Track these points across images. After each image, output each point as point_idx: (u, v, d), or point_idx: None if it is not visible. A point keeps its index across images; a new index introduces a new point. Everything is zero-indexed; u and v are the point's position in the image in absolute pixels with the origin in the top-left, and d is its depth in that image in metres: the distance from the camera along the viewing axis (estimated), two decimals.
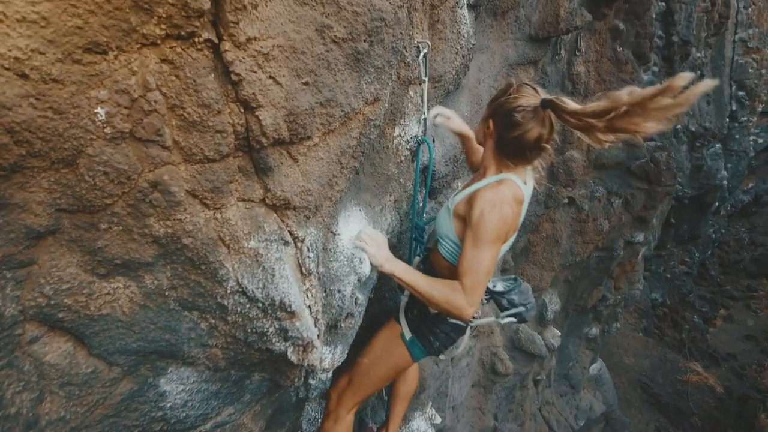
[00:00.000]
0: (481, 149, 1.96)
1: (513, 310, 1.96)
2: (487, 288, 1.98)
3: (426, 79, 2.12)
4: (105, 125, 1.07)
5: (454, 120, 2.22)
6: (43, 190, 1.08)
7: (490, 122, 1.72)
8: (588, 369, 7.26)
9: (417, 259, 2.25)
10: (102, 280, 1.23)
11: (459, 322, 1.98)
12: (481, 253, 1.59)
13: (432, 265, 2.02)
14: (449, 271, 1.86)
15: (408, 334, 2.02)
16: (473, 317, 1.88)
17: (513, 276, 2.07)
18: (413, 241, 2.25)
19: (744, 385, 9.47)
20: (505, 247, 1.77)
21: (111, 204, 1.14)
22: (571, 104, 1.50)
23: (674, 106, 1.25)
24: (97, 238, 1.17)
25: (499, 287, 1.99)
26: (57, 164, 1.07)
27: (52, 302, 1.18)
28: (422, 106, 2.17)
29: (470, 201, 1.69)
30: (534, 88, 1.67)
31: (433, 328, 1.99)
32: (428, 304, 1.71)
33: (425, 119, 2.18)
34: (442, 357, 2.12)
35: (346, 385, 2.13)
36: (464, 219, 1.71)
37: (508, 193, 1.65)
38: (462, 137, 2.25)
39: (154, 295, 1.30)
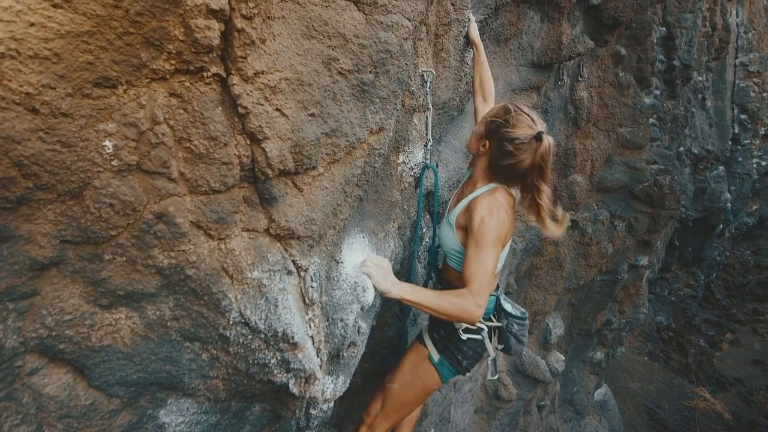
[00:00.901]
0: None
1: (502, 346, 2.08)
2: (498, 302, 2.05)
3: (431, 106, 2.14)
4: (112, 158, 1.08)
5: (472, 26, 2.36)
6: (49, 221, 1.08)
7: (486, 143, 1.82)
8: (593, 394, 7.14)
9: (431, 282, 2.30)
10: (104, 311, 1.22)
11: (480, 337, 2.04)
12: (484, 257, 1.69)
13: (446, 280, 2.10)
14: (461, 279, 1.91)
15: (436, 356, 2.06)
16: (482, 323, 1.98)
17: (524, 310, 2.12)
18: (427, 265, 2.30)
19: (752, 411, 9.28)
20: (504, 253, 1.88)
21: (116, 235, 1.15)
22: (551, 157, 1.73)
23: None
24: (100, 269, 1.17)
25: (508, 307, 2.06)
26: (63, 196, 1.07)
27: (54, 333, 1.17)
28: (426, 134, 2.19)
29: (468, 210, 1.80)
30: (532, 118, 1.74)
31: (461, 346, 2.03)
32: (439, 316, 1.77)
33: (431, 146, 2.21)
34: (468, 375, 2.13)
35: (379, 410, 2.16)
36: (465, 228, 1.82)
37: (503, 200, 1.79)
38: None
39: (155, 325, 1.29)
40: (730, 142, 10.41)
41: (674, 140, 7.78)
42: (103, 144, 1.06)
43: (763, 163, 12.04)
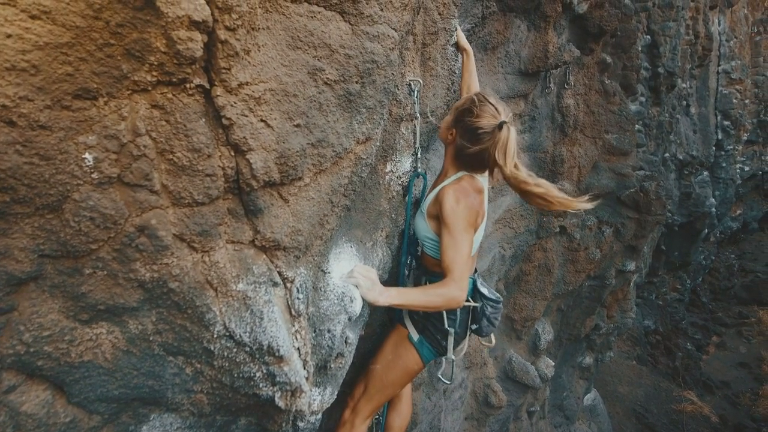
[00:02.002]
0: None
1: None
2: (474, 285, 2.11)
3: (419, 115, 2.15)
4: (92, 170, 1.06)
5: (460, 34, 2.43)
6: (26, 236, 1.06)
7: (453, 131, 1.93)
8: (582, 399, 7.17)
9: (408, 271, 2.35)
10: (84, 326, 1.20)
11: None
12: (459, 243, 1.78)
13: (423, 266, 2.19)
14: (439, 265, 1.99)
15: (415, 336, 2.10)
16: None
17: (500, 296, 2.19)
18: (409, 255, 2.34)
19: (739, 413, 9.38)
20: (479, 236, 1.97)
21: (96, 249, 1.12)
22: (512, 146, 1.78)
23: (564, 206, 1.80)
24: (80, 283, 1.15)
25: (485, 291, 2.12)
26: (41, 210, 1.05)
27: (32, 350, 1.14)
28: (414, 142, 2.19)
29: (438, 200, 1.89)
30: (496, 108, 1.83)
31: (440, 326, 2.07)
32: (429, 311, 1.92)
33: (420, 154, 2.21)
34: (452, 357, 2.12)
35: (362, 394, 2.16)
36: (437, 217, 1.91)
37: (468, 186, 1.89)
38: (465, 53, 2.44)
39: (138, 340, 1.27)
40: (714, 148, 10.58)
41: (660, 146, 7.89)
42: (83, 156, 1.04)
43: (746, 168, 12.26)
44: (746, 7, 11.27)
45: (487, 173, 1.99)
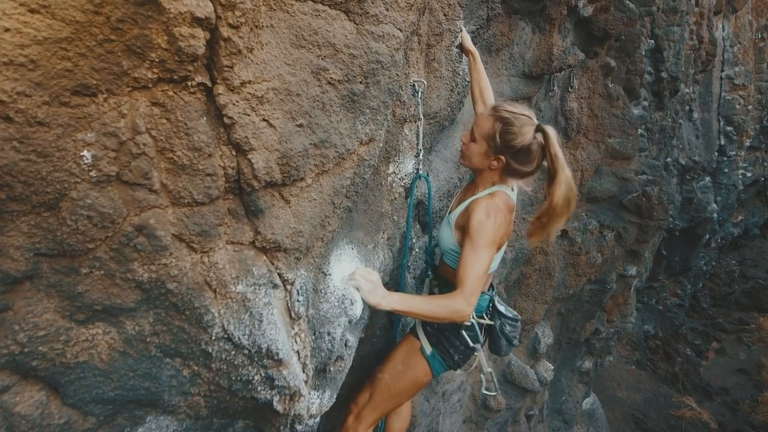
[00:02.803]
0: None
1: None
2: (492, 302, 2.09)
3: (422, 116, 2.13)
4: (91, 168, 1.04)
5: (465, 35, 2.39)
6: (22, 234, 1.04)
7: (500, 158, 1.82)
8: (581, 403, 7.14)
9: (427, 280, 2.35)
10: (80, 326, 1.18)
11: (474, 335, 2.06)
12: (478, 257, 1.73)
13: (442, 276, 2.16)
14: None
15: (428, 349, 2.07)
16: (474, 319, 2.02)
17: (516, 313, 2.18)
18: (425, 262, 2.37)
19: (738, 420, 9.35)
20: (500, 254, 1.94)
21: (93, 248, 1.10)
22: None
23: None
24: (77, 283, 1.13)
25: (502, 308, 2.11)
26: (38, 208, 1.03)
27: (26, 350, 1.12)
28: (417, 144, 2.18)
29: (467, 211, 1.85)
30: (524, 114, 1.79)
31: (454, 340, 2.04)
32: (431, 321, 1.87)
33: (422, 156, 2.19)
34: (459, 372, 2.11)
35: (367, 401, 2.13)
36: (463, 228, 1.86)
37: (502, 204, 1.83)
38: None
39: (134, 341, 1.25)
40: (716, 153, 10.55)
41: (662, 151, 7.87)
42: (81, 154, 1.02)
43: (749, 174, 12.22)
44: (751, 13, 11.24)
45: (522, 182, 1.96)
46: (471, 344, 2.03)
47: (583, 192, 5.06)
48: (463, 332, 2.02)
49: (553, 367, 5.54)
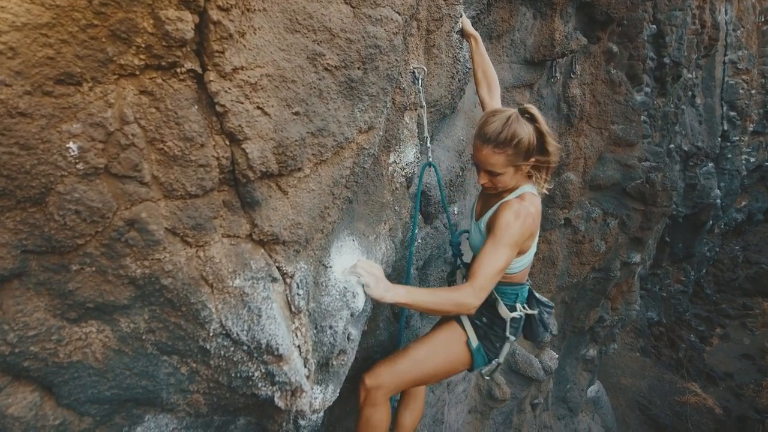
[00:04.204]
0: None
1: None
2: (531, 292, 2.10)
3: (424, 104, 2.08)
4: (77, 161, 1.00)
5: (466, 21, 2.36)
6: (8, 230, 1.00)
7: (528, 164, 1.80)
8: (586, 391, 7.14)
9: (459, 271, 2.35)
10: (73, 324, 1.14)
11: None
12: (497, 254, 1.72)
13: None
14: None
15: (475, 342, 2.03)
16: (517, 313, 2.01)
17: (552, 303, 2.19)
18: (452, 256, 2.36)
19: (742, 405, 9.36)
20: (532, 252, 1.93)
21: (83, 244, 1.06)
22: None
23: None
24: (67, 280, 1.09)
25: (539, 297, 2.11)
26: (23, 203, 0.99)
27: (17, 350, 1.08)
28: (424, 131, 2.14)
29: (497, 213, 1.83)
30: (505, 115, 1.76)
31: (501, 333, 2.02)
32: (436, 313, 1.84)
33: (430, 143, 2.18)
34: (500, 360, 2.08)
35: (386, 364, 2.02)
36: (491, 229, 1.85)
37: (531, 206, 1.81)
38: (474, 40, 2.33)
39: (130, 339, 1.21)
40: (719, 139, 10.46)
41: (665, 137, 7.79)
42: (67, 146, 0.98)
43: (752, 160, 12.13)
44: None
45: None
46: (509, 335, 2.02)
47: (587, 179, 5.01)
48: (507, 323, 2.00)
49: (557, 356, 5.53)
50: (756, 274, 13.03)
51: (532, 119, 1.76)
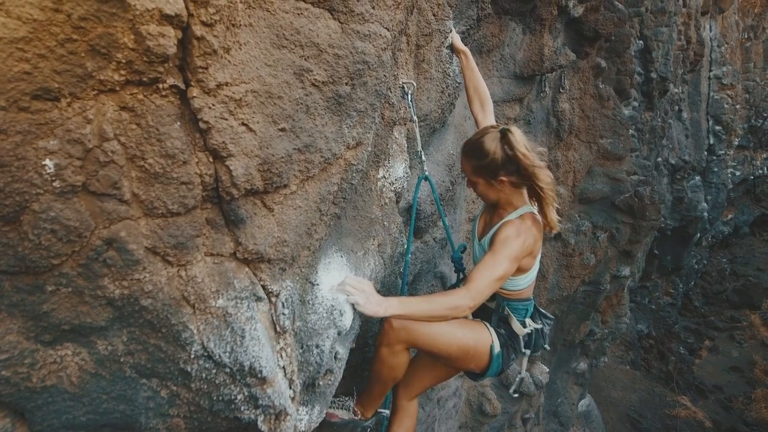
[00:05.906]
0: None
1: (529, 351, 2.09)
2: (536, 306, 2.11)
3: (415, 118, 2.08)
4: (54, 178, 0.96)
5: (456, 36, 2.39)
6: None
7: (503, 178, 1.82)
8: (577, 405, 7.11)
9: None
10: (47, 347, 1.10)
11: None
12: (496, 264, 1.74)
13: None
14: (507, 291, 2.00)
15: (497, 348, 2.00)
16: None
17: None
18: (455, 271, 2.36)
19: (732, 417, 9.38)
20: (532, 274, 1.96)
21: (59, 264, 1.02)
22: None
23: None
24: (42, 301, 1.05)
25: (545, 312, 2.13)
26: None
27: None
28: (416, 145, 2.14)
29: (499, 230, 1.86)
30: (484, 130, 1.86)
31: (518, 347, 2.04)
32: (432, 320, 1.80)
33: (423, 157, 2.18)
34: (526, 373, 2.12)
35: (418, 323, 1.86)
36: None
37: (533, 226, 1.85)
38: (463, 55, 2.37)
39: (107, 362, 1.17)
40: (705, 153, 10.62)
41: (653, 151, 7.89)
42: (43, 163, 0.95)
43: (737, 173, 12.33)
44: (737, 13, 11.35)
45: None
46: (523, 350, 2.04)
47: (576, 193, 5.04)
48: (520, 337, 2.02)
49: (548, 370, 5.50)
50: (743, 286, 13.16)
51: (503, 139, 1.78)
